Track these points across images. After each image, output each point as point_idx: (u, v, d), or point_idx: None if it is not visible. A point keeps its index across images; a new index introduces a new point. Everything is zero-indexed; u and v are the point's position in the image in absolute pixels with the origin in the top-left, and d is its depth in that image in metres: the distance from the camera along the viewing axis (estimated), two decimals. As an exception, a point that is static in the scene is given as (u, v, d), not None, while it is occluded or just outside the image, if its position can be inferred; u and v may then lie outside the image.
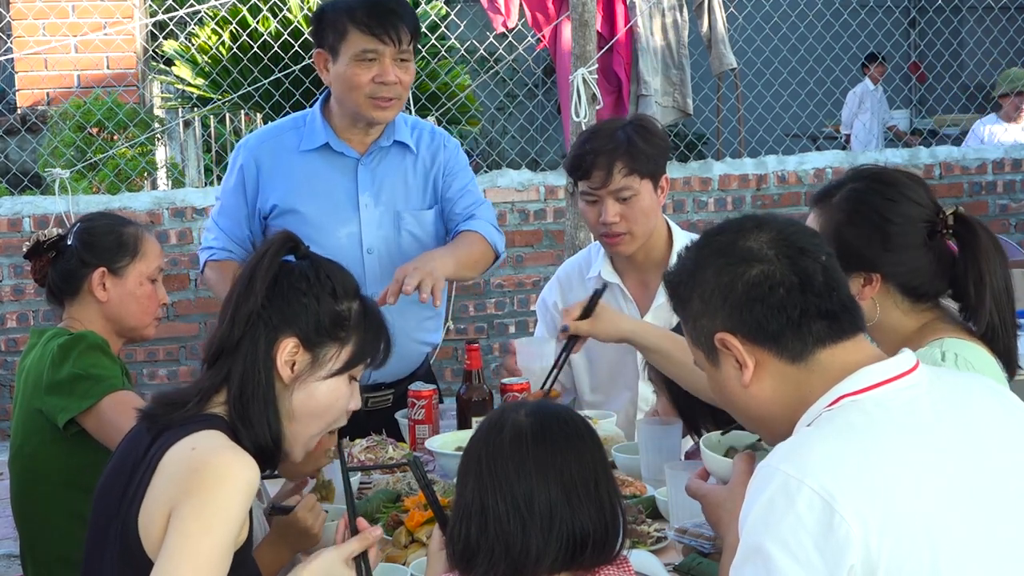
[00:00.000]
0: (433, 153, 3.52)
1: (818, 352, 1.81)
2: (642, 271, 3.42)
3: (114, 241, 3.07)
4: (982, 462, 1.77)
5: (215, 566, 1.96)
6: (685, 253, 1.93)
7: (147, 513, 2.03)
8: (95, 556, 2.17)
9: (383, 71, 3.28)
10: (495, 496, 1.84)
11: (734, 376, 1.85)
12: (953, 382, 1.90)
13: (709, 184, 7.77)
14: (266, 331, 2.13)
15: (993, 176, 8.28)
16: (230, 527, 1.98)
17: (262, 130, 3.65)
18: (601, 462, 1.91)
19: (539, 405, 1.95)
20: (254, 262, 2.18)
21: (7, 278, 6.85)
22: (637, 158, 3.25)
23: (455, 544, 1.88)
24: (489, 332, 7.51)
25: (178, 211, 6.95)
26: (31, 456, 3.01)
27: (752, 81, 8.99)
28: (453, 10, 8.67)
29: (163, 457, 2.05)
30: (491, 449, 1.88)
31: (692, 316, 1.88)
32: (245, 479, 2.01)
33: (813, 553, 1.63)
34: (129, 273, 3.05)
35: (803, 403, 1.81)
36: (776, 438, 1.85)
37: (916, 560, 1.64)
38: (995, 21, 9.88)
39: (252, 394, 2.12)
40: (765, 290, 1.81)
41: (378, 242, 3.42)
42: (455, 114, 8.27)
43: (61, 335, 3.00)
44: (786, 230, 1.86)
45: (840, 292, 1.83)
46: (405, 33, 3.28)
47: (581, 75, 5.33)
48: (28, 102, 8.29)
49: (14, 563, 5.02)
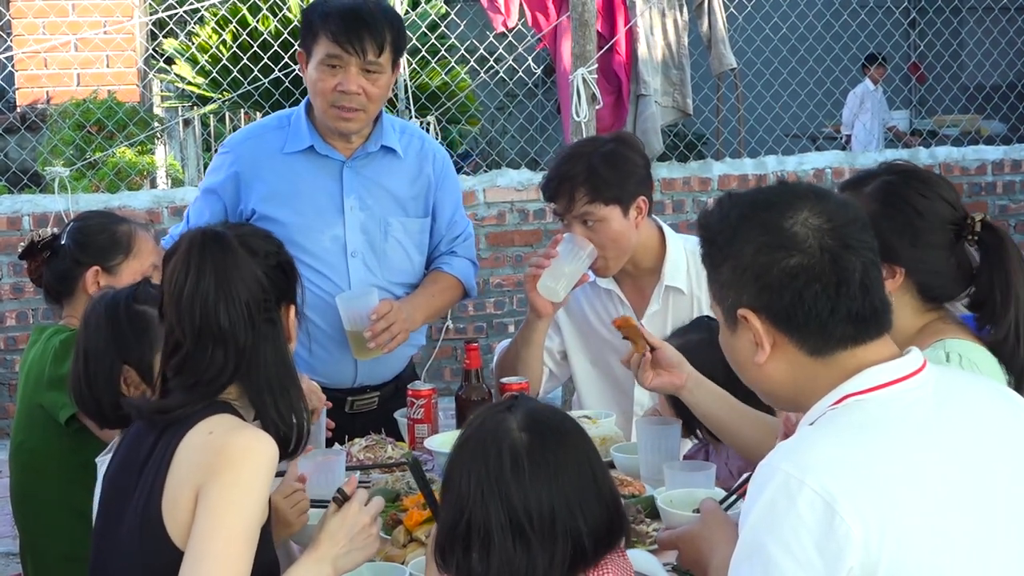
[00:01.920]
0: (421, 162, 3.48)
1: (839, 352, 1.80)
2: (637, 278, 3.41)
3: (107, 240, 3.06)
4: (987, 464, 1.76)
5: (246, 543, 2.00)
6: (728, 206, 1.86)
7: (171, 500, 2.05)
8: (105, 552, 2.19)
9: (346, 80, 3.24)
10: (499, 518, 1.81)
11: (749, 349, 1.84)
12: (959, 383, 1.89)
13: (709, 184, 7.77)
14: (276, 316, 2.18)
15: (993, 177, 8.28)
16: (258, 504, 2.03)
17: (245, 130, 3.60)
18: (593, 453, 1.90)
19: (530, 413, 1.90)
20: (230, 268, 2.15)
21: (6, 276, 6.85)
22: (598, 187, 3.21)
23: (450, 566, 1.85)
24: (488, 331, 7.51)
25: (177, 210, 6.95)
26: (32, 452, 3.01)
27: (752, 81, 8.98)
28: (453, 9, 8.67)
29: (179, 444, 2.07)
30: (491, 470, 1.83)
31: (721, 281, 1.85)
32: (268, 455, 2.05)
33: (813, 553, 1.63)
34: (123, 271, 3.04)
35: (813, 392, 1.80)
36: (780, 407, 1.84)
37: (916, 562, 1.64)
38: (995, 21, 9.88)
39: (281, 383, 2.16)
40: (801, 283, 1.77)
41: (362, 246, 3.38)
42: (455, 114, 8.27)
43: (62, 332, 3.00)
44: (837, 219, 1.80)
45: (873, 294, 1.80)
46: (372, 46, 3.22)
47: (581, 75, 5.33)
48: (28, 100, 8.29)
49: (13, 561, 5.02)
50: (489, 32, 7.72)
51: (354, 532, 2.17)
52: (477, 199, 7.39)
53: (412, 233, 3.45)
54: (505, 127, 10.02)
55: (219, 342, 2.11)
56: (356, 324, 3.24)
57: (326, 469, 2.72)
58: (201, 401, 2.12)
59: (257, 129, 3.52)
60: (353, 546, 2.17)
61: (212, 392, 2.13)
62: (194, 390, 2.13)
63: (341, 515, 2.18)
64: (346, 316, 3.26)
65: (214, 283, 2.11)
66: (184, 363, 2.13)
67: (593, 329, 3.47)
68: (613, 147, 3.28)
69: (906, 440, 1.73)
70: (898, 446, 1.71)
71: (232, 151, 3.45)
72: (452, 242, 3.54)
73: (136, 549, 2.10)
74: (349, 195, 3.38)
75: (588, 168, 3.22)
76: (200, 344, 2.11)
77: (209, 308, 2.10)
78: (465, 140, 10.08)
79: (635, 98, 7.21)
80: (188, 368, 2.13)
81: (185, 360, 2.13)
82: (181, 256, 2.15)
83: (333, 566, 2.15)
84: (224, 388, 2.14)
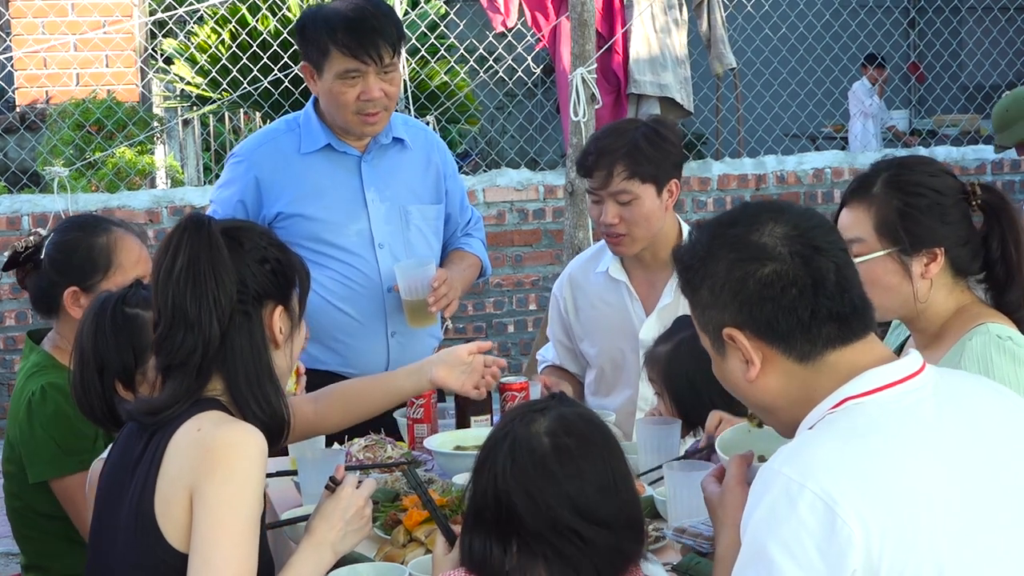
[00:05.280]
0: (428, 151, 3.57)
1: (827, 354, 1.80)
2: (649, 271, 3.42)
3: (83, 257, 2.93)
4: (988, 465, 1.76)
5: (248, 537, 2.02)
6: (698, 235, 1.89)
7: (163, 499, 2.06)
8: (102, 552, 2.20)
9: (367, 89, 3.28)
10: (522, 517, 1.84)
11: (740, 369, 1.84)
12: (960, 385, 1.89)
13: (708, 184, 7.77)
14: (252, 310, 2.16)
15: (992, 176, 8.28)
16: (254, 496, 2.05)
17: (255, 137, 3.60)
18: (618, 466, 1.91)
19: (559, 418, 1.92)
20: (203, 256, 2.14)
21: (6, 276, 6.84)
22: (639, 162, 3.24)
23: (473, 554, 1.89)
24: (488, 331, 7.51)
25: (177, 210, 6.95)
26: (20, 488, 2.93)
27: (752, 81, 8.99)
28: (453, 9, 8.66)
29: (169, 442, 2.08)
30: (514, 470, 1.87)
31: (701, 305, 1.86)
32: (257, 447, 2.06)
33: (815, 556, 1.62)
34: (102, 289, 2.84)
35: (809, 401, 1.80)
36: (781, 427, 1.85)
37: (917, 564, 1.63)
38: (995, 21, 9.87)
39: (257, 376, 2.15)
40: (777, 290, 1.78)
41: (388, 237, 3.45)
42: (454, 113, 8.27)
43: (42, 373, 2.90)
44: (802, 224, 1.82)
45: (852, 292, 1.81)
46: (387, 50, 3.27)
47: (580, 75, 5.32)
48: (27, 100, 8.29)
49: (13, 561, 5.02)
50: (489, 32, 7.72)
51: (349, 515, 2.20)
52: (476, 199, 7.39)
53: (429, 220, 3.54)
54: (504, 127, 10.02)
55: (188, 327, 2.11)
56: (416, 292, 3.34)
57: (325, 469, 2.72)
58: (188, 398, 2.12)
59: (268, 134, 3.54)
60: (349, 528, 2.21)
61: (193, 384, 2.13)
62: (177, 382, 2.13)
63: (335, 499, 2.21)
64: (405, 285, 3.34)
65: (185, 269, 2.12)
66: (160, 343, 2.14)
67: (599, 318, 3.48)
68: (654, 127, 3.33)
69: (906, 442, 1.72)
70: (898, 448, 1.71)
71: (247, 158, 3.46)
72: (466, 227, 3.68)
73: (132, 549, 2.11)
74: (369, 188, 3.45)
75: (630, 143, 3.25)
76: (173, 326, 2.12)
77: (179, 293, 2.11)
78: (464, 140, 10.08)
79: (635, 98, 7.21)
80: (163, 349, 2.14)
81: (161, 340, 2.14)
82: (166, 238, 2.17)
83: (332, 550, 2.18)
84: (201, 377, 2.14)
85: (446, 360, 2.80)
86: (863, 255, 2.35)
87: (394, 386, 2.85)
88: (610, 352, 3.45)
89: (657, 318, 3.33)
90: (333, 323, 3.40)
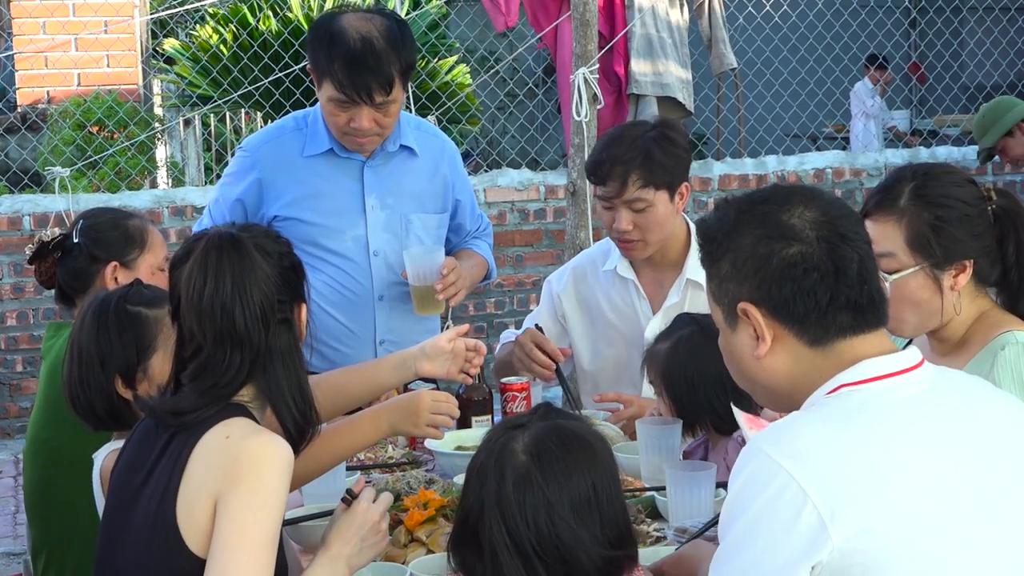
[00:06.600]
0: (436, 157, 3.54)
1: (837, 342, 1.80)
2: (658, 270, 3.42)
3: (120, 235, 3.07)
4: (984, 461, 1.76)
5: (268, 549, 2.03)
6: (725, 207, 1.90)
7: (186, 505, 2.06)
8: (112, 552, 2.19)
9: (358, 119, 3.26)
10: (501, 536, 1.82)
11: (749, 344, 1.84)
12: (958, 382, 1.90)
13: (709, 184, 7.77)
14: (291, 315, 2.20)
15: (993, 177, 8.28)
16: (278, 509, 2.06)
17: (263, 133, 3.61)
18: (602, 479, 1.87)
19: (538, 433, 1.89)
20: (247, 273, 2.16)
21: (7, 276, 6.84)
22: (654, 171, 3.23)
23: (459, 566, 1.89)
24: (489, 332, 7.51)
25: (178, 210, 6.96)
26: (56, 450, 2.96)
27: (752, 81, 8.98)
28: (454, 9, 8.68)
29: (194, 447, 2.08)
30: (493, 489, 1.85)
31: (719, 276, 1.87)
32: (284, 459, 2.07)
33: (781, 536, 1.63)
34: (140, 265, 3.06)
35: (812, 385, 1.81)
36: (775, 408, 1.86)
37: (887, 556, 1.63)
38: (995, 21, 9.87)
39: (298, 379, 2.18)
40: (799, 271, 1.79)
41: (384, 244, 3.44)
42: (455, 113, 8.27)
43: None
44: (831, 212, 1.83)
45: (871, 285, 1.82)
46: (380, 92, 3.20)
47: (582, 75, 5.32)
48: (28, 100, 8.29)
49: (13, 561, 5.02)
50: (490, 32, 7.73)
51: (364, 530, 2.19)
52: (478, 199, 7.37)
53: (431, 228, 3.51)
54: (505, 127, 10.02)
55: (236, 344, 2.12)
56: (424, 279, 3.34)
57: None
58: (216, 404, 2.13)
59: (275, 131, 3.53)
60: (364, 544, 2.20)
61: (227, 394, 2.14)
62: (210, 392, 2.14)
63: (351, 514, 2.20)
64: (414, 272, 3.35)
65: (231, 286, 2.13)
66: (204, 367, 2.14)
67: (604, 317, 3.47)
68: (663, 131, 3.30)
69: (895, 430, 1.73)
70: (885, 435, 1.72)
71: (252, 154, 3.47)
72: (475, 230, 3.71)
73: (146, 551, 2.10)
74: (370, 195, 3.44)
75: (644, 151, 3.22)
76: (219, 347, 2.13)
77: (228, 311, 2.12)
78: (465, 140, 10.07)
79: (635, 98, 7.21)
80: (208, 372, 2.14)
81: (205, 364, 2.14)
82: (198, 260, 2.16)
83: (348, 564, 2.17)
84: (239, 390, 2.15)
85: (428, 353, 2.78)
86: (895, 270, 2.36)
87: (378, 380, 2.84)
88: (612, 349, 3.44)
89: (663, 317, 3.32)
90: (322, 328, 3.37)
